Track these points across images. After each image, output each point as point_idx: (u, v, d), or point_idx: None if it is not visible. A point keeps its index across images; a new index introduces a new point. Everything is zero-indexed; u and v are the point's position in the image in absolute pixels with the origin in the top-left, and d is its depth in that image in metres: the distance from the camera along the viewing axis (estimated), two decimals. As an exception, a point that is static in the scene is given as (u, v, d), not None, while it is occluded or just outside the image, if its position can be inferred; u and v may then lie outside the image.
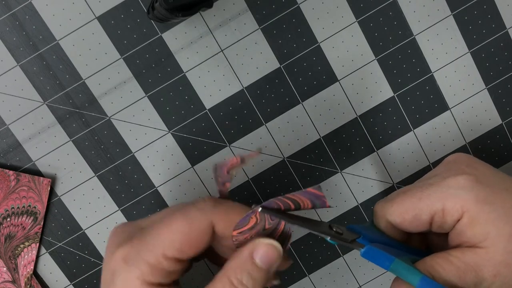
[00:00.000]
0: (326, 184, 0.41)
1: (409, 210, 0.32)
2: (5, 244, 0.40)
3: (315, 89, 0.39)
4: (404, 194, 0.33)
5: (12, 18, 0.37)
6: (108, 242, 0.31)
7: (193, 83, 0.39)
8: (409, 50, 0.39)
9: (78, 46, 0.38)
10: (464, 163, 0.33)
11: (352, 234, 0.32)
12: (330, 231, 0.32)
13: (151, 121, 0.39)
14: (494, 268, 0.30)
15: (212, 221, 0.29)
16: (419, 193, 0.32)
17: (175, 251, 0.29)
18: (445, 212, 0.31)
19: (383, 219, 0.33)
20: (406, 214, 0.32)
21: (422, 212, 0.32)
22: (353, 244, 0.32)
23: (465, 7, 0.39)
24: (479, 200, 0.30)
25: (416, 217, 0.32)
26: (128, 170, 0.40)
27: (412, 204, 0.32)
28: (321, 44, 0.39)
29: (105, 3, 0.37)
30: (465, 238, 0.31)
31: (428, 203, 0.32)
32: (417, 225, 0.32)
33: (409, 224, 0.33)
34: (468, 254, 0.31)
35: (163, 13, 0.33)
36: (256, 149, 0.33)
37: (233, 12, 0.38)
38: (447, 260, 0.31)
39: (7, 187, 0.39)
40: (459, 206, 0.31)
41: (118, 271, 0.29)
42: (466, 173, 0.32)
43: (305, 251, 0.42)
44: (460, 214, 0.31)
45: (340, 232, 0.32)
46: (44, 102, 0.38)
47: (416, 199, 0.32)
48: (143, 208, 0.40)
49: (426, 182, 0.33)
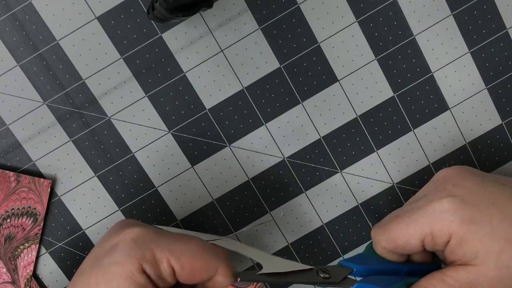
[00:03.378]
0: (326, 184, 0.41)
1: (400, 236, 0.33)
2: (5, 245, 0.40)
3: (315, 89, 0.39)
4: (394, 220, 0.33)
5: (12, 18, 0.37)
6: (114, 225, 0.31)
7: (193, 83, 0.39)
8: (409, 50, 0.39)
9: (78, 46, 0.38)
10: (451, 181, 0.34)
11: (343, 271, 0.34)
12: (317, 277, 0.33)
13: (151, 121, 0.39)
14: (488, 283, 0.31)
15: (216, 266, 0.30)
16: (406, 218, 0.33)
17: (177, 265, 0.29)
18: (434, 235, 0.32)
19: (378, 245, 0.35)
20: (398, 240, 0.33)
21: (412, 238, 0.33)
22: (343, 283, 0.33)
23: (465, 7, 0.39)
24: (465, 221, 0.31)
25: (407, 242, 0.33)
26: (128, 170, 0.40)
27: (401, 231, 0.33)
28: (321, 44, 0.39)
29: (105, 3, 0.37)
30: (457, 257, 0.32)
31: (416, 228, 0.32)
32: (410, 249, 0.33)
33: (402, 249, 0.33)
34: (462, 273, 0.31)
35: (163, 13, 0.33)
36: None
37: (233, 12, 0.38)
38: (441, 280, 0.32)
39: (7, 188, 0.39)
40: (445, 229, 0.31)
41: (122, 246, 0.29)
42: (451, 195, 0.32)
43: (305, 250, 0.42)
44: (448, 236, 0.32)
45: (328, 276, 0.33)
46: (44, 102, 0.38)
47: (404, 225, 0.33)
48: (143, 208, 0.40)
49: (414, 205, 0.34)
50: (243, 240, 0.41)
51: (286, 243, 0.42)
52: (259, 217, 0.41)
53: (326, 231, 0.42)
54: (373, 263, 0.35)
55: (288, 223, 0.41)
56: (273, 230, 0.41)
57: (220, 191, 0.41)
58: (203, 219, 0.41)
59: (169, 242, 0.29)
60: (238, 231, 0.37)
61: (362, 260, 0.35)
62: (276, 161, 0.40)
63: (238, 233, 0.34)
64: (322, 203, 0.41)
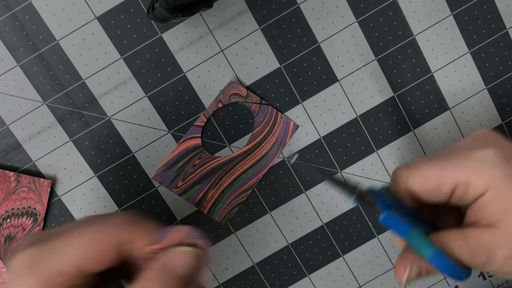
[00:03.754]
0: (326, 184, 0.41)
1: (432, 179, 0.31)
2: (5, 245, 0.40)
3: (315, 89, 0.39)
4: (429, 162, 0.31)
5: (12, 18, 0.37)
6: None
7: (193, 83, 0.39)
8: (409, 50, 0.39)
9: (78, 46, 0.38)
10: (493, 139, 0.32)
11: (372, 197, 0.32)
12: (355, 190, 0.32)
13: (151, 121, 0.39)
14: (508, 250, 0.29)
15: (121, 239, 0.27)
16: (444, 162, 0.31)
17: (77, 264, 0.27)
18: (469, 185, 0.30)
19: (402, 186, 0.32)
20: (428, 183, 0.31)
21: (445, 182, 0.30)
22: (373, 207, 0.31)
23: (465, 7, 0.39)
24: (507, 178, 0.29)
25: (438, 187, 0.31)
26: (128, 170, 0.40)
27: (435, 173, 0.31)
28: (321, 44, 0.39)
29: (105, 3, 0.37)
30: (484, 215, 0.30)
31: (452, 173, 0.30)
32: (437, 195, 0.31)
33: (429, 194, 0.31)
34: (485, 235, 0.30)
35: (163, 13, 0.33)
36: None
37: (233, 12, 0.38)
38: (462, 238, 0.30)
39: (7, 188, 0.39)
40: (485, 180, 0.29)
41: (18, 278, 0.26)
42: (497, 148, 0.30)
43: (305, 251, 0.42)
44: (484, 189, 0.30)
45: (363, 193, 0.32)
46: (44, 102, 0.38)
47: (440, 168, 0.30)
48: (143, 208, 0.40)
49: (452, 152, 0.31)
50: (243, 240, 0.41)
51: (286, 243, 0.42)
52: (259, 217, 0.41)
53: (326, 231, 0.42)
54: (389, 201, 0.32)
55: (288, 223, 0.41)
56: (273, 230, 0.41)
57: (220, 191, 0.41)
58: (203, 219, 0.41)
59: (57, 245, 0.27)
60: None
61: (381, 194, 0.32)
62: (276, 161, 0.40)
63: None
64: (322, 203, 0.41)
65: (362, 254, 0.42)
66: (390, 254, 0.42)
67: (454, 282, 0.43)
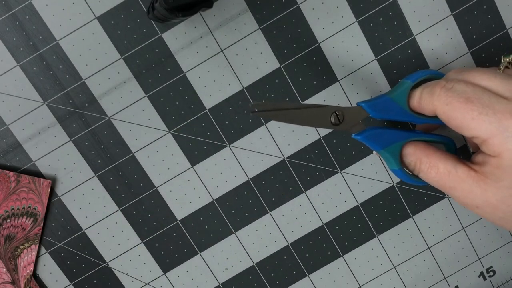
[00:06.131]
0: (326, 184, 0.41)
1: (457, 119, 0.31)
2: (5, 245, 0.40)
3: (315, 89, 0.39)
4: (465, 103, 0.31)
5: (12, 18, 0.37)
6: None
7: (193, 83, 0.39)
8: (409, 50, 0.39)
9: (78, 46, 0.38)
10: None
11: (359, 114, 0.35)
12: (327, 120, 0.34)
13: (151, 121, 0.39)
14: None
15: None
16: (476, 113, 0.31)
17: None
18: (486, 144, 0.31)
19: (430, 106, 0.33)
20: (453, 120, 0.31)
21: (466, 129, 0.31)
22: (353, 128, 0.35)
23: (465, 7, 0.39)
24: None
25: (458, 128, 0.31)
26: (128, 170, 0.40)
27: (462, 117, 0.31)
28: (321, 44, 0.39)
29: (105, 3, 0.37)
30: (485, 168, 0.31)
31: (477, 128, 0.30)
32: (454, 128, 0.32)
33: (448, 125, 0.32)
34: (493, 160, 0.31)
35: (163, 13, 0.33)
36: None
37: (233, 12, 0.38)
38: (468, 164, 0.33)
39: (7, 188, 0.39)
40: (504, 149, 0.30)
41: None
42: None
43: (305, 251, 0.42)
44: (498, 155, 0.30)
45: (338, 121, 0.34)
46: (44, 102, 0.38)
47: (469, 117, 0.31)
48: (143, 208, 0.40)
49: (493, 102, 0.31)
50: (242, 240, 0.41)
51: (286, 243, 0.42)
52: (259, 217, 0.41)
53: (326, 231, 0.42)
54: (394, 112, 0.34)
55: (288, 223, 0.41)
56: (273, 230, 0.41)
57: (220, 191, 0.41)
58: (203, 219, 0.41)
59: None
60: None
61: (382, 105, 0.34)
62: (276, 161, 0.40)
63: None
64: (322, 203, 0.41)
65: (362, 254, 0.42)
66: (390, 254, 0.42)
67: (454, 282, 0.43)
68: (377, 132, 0.35)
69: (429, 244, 0.42)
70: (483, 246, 0.43)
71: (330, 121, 0.34)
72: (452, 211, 0.42)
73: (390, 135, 0.35)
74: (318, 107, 0.34)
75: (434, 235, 0.42)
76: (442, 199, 0.42)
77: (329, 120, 0.34)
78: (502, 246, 0.43)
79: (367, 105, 0.34)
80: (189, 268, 0.42)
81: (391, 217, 0.42)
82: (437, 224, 0.42)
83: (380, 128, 0.35)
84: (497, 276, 0.43)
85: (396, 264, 0.43)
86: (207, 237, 0.41)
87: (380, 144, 0.35)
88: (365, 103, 0.34)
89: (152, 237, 0.41)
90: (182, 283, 0.42)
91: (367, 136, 0.35)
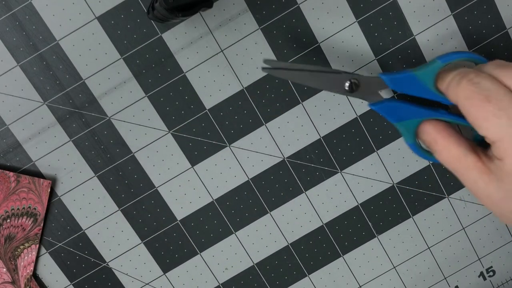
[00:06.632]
0: (326, 184, 0.41)
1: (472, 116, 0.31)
2: (5, 245, 0.40)
3: (315, 89, 0.39)
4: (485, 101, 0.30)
5: (12, 18, 0.37)
6: None
7: (193, 83, 0.39)
8: (409, 50, 0.39)
9: (78, 46, 0.38)
10: None
11: (376, 84, 0.35)
12: (342, 85, 0.34)
13: (151, 121, 0.39)
14: None
15: None
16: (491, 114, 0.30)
17: None
18: (493, 145, 0.31)
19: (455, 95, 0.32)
20: (468, 116, 0.31)
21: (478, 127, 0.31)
22: (369, 97, 0.35)
23: (465, 7, 0.39)
24: None
25: (472, 124, 0.31)
26: (128, 170, 0.40)
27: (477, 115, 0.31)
28: (321, 44, 0.39)
29: (105, 3, 0.37)
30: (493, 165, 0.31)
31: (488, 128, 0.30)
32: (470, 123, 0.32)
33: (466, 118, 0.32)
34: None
35: (163, 13, 0.33)
36: None
37: (233, 12, 0.38)
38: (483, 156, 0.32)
39: (7, 188, 0.39)
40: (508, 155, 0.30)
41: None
42: None
43: (305, 251, 0.42)
44: (502, 159, 0.31)
45: (352, 88, 0.34)
46: (44, 102, 0.38)
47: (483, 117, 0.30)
48: (143, 208, 0.40)
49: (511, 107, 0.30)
50: (242, 240, 0.41)
51: (286, 243, 0.42)
52: (259, 217, 0.41)
53: (326, 231, 0.42)
54: (415, 88, 0.34)
55: (288, 223, 0.41)
56: (273, 230, 0.41)
57: (220, 191, 0.41)
58: (203, 219, 0.41)
59: None
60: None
61: (404, 80, 0.35)
62: (276, 161, 0.40)
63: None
64: (322, 203, 0.41)
65: (362, 254, 0.42)
66: (390, 254, 0.42)
67: (454, 282, 0.43)
68: (395, 105, 0.35)
69: (429, 244, 0.42)
70: (483, 246, 0.43)
71: (344, 87, 0.34)
72: (452, 211, 0.42)
73: (408, 110, 0.35)
74: (334, 73, 0.34)
75: (434, 235, 0.42)
76: (442, 199, 0.42)
77: (343, 86, 0.34)
78: (502, 246, 0.43)
79: (388, 78, 0.35)
80: (189, 268, 0.42)
81: (391, 217, 0.42)
82: (437, 224, 0.42)
83: (398, 101, 0.35)
84: (497, 276, 0.43)
85: (396, 264, 0.43)
86: (207, 237, 0.41)
87: (396, 117, 0.35)
88: (386, 76, 0.35)
89: (152, 237, 0.41)
90: (182, 283, 0.42)
91: (383, 107, 0.35)
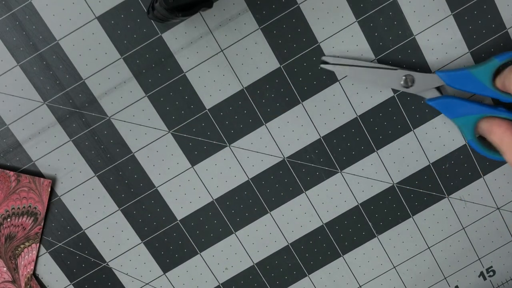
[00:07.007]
0: (326, 184, 0.41)
1: None
2: (6, 244, 0.40)
3: (315, 89, 0.39)
4: None
5: (12, 18, 0.37)
6: None
7: (193, 83, 0.39)
8: (409, 50, 0.39)
9: (78, 46, 0.38)
10: None
11: (432, 82, 0.37)
12: (398, 82, 0.37)
13: (151, 121, 0.39)
14: None
15: None
16: None
17: None
18: None
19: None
20: None
21: None
22: (425, 92, 0.37)
23: (465, 7, 0.39)
24: None
25: None
26: (128, 170, 0.40)
27: None
28: (321, 44, 0.39)
29: (105, 3, 0.37)
30: None
31: None
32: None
33: None
34: None
35: (163, 13, 0.33)
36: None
37: (233, 12, 0.38)
38: None
39: (7, 187, 0.39)
40: None
41: None
42: None
43: (305, 251, 0.42)
44: None
45: (408, 85, 0.37)
46: (44, 102, 0.38)
47: None
48: (143, 208, 0.40)
49: None
50: (242, 240, 0.41)
51: (286, 243, 0.42)
52: (259, 217, 0.41)
53: (326, 231, 0.42)
54: (472, 85, 0.37)
55: (288, 223, 0.41)
56: (273, 230, 0.41)
57: (220, 191, 0.41)
58: (203, 219, 0.41)
59: None
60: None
61: (461, 77, 0.37)
62: (276, 161, 0.40)
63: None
64: (322, 203, 0.41)
65: (362, 254, 0.42)
66: (390, 254, 0.42)
67: (454, 282, 0.43)
68: (452, 101, 0.37)
69: (429, 244, 0.42)
70: (483, 246, 0.43)
71: (400, 83, 0.37)
72: (452, 211, 0.42)
73: (466, 107, 0.36)
74: (390, 69, 0.37)
75: (434, 235, 0.42)
76: (442, 199, 0.42)
77: (399, 82, 0.37)
78: (502, 246, 0.43)
79: (445, 75, 0.36)
80: (189, 268, 0.42)
81: (391, 217, 0.42)
82: (437, 224, 0.42)
83: (456, 97, 0.37)
84: (497, 276, 0.43)
85: (396, 264, 0.43)
86: (207, 237, 0.41)
87: (453, 113, 0.36)
88: (442, 73, 0.36)
89: (152, 237, 0.41)
90: (182, 283, 0.42)
91: (441, 103, 0.37)
